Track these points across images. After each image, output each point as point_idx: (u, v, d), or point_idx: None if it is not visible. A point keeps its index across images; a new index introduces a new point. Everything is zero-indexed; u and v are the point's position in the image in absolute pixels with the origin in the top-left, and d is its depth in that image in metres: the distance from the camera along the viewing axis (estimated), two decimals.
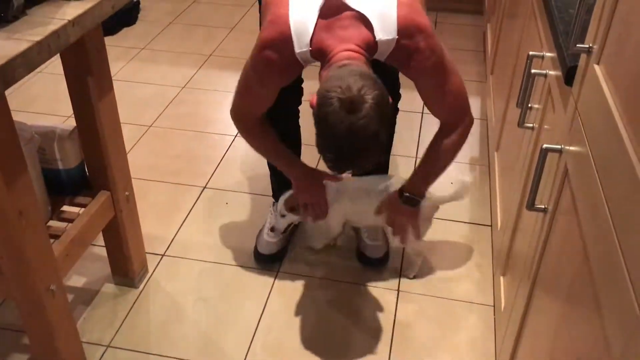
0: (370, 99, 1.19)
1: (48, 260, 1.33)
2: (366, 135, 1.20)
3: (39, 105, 2.63)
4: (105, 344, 1.61)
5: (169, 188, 2.18)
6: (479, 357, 1.59)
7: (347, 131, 1.19)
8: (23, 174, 1.19)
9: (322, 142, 1.25)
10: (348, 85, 1.19)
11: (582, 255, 0.88)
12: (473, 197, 2.16)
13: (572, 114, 1.02)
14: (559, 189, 1.06)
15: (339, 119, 1.19)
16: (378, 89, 1.22)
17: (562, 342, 0.97)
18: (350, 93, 1.18)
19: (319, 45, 1.32)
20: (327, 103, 1.20)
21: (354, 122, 1.18)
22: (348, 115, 1.18)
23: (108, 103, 1.48)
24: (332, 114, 1.19)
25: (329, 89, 1.21)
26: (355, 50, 1.30)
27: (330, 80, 1.23)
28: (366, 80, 1.21)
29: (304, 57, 1.34)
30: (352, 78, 1.20)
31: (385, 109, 1.23)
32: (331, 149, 1.24)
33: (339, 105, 1.19)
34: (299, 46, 1.32)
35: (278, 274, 1.83)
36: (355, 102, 1.18)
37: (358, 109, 1.18)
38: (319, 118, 1.23)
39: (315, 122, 1.24)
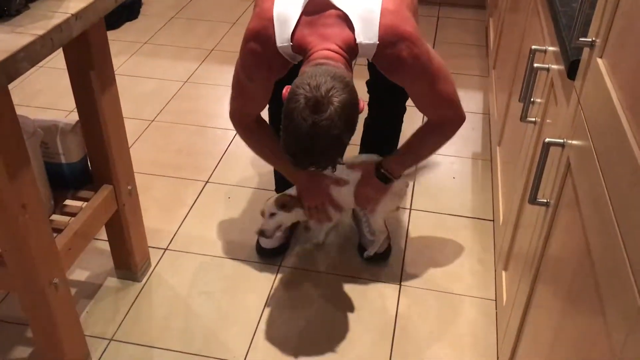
0: (337, 102, 1.20)
1: (51, 254, 1.33)
2: (327, 136, 1.21)
3: (42, 100, 2.64)
4: (108, 337, 1.61)
5: (172, 182, 2.18)
6: (480, 352, 1.59)
7: (309, 130, 1.20)
8: (26, 167, 1.20)
9: (285, 137, 1.26)
10: (317, 84, 1.20)
11: (583, 249, 0.88)
12: (475, 192, 2.16)
13: (575, 108, 1.02)
14: (561, 182, 1.06)
15: (302, 117, 1.20)
16: (347, 93, 1.22)
17: (563, 335, 0.97)
18: (317, 92, 1.19)
19: (300, 41, 1.32)
20: (293, 99, 1.21)
21: (316, 121, 1.19)
22: (311, 115, 1.19)
23: (110, 97, 1.48)
24: (297, 110, 1.20)
25: (299, 86, 1.22)
26: (335, 50, 1.31)
27: (302, 76, 1.24)
28: (337, 82, 1.21)
29: (285, 52, 1.35)
30: (323, 78, 1.21)
31: (352, 113, 1.24)
32: (292, 144, 1.25)
33: (304, 103, 1.20)
34: (281, 40, 1.33)
35: (280, 268, 1.84)
36: (321, 102, 1.19)
37: (322, 110, 1.19)
38: (284, 113, 1.24)
39: (282, 116, 1.25)
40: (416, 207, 2.08)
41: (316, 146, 1.23)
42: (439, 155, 2.35)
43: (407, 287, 1.78)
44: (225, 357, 1.57)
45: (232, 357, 1.57)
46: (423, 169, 1.85)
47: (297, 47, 1.33)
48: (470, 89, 2.78)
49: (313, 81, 1.20)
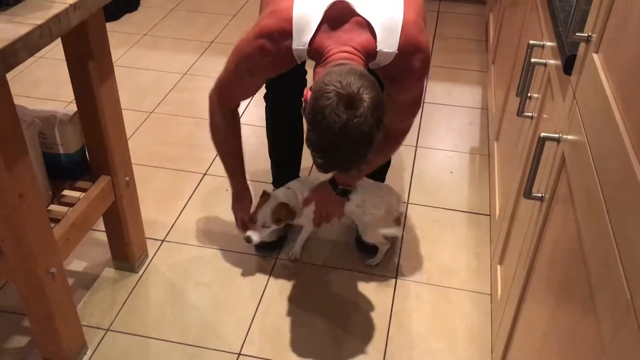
0: (369, 99, 1.19)
1: (48, 244, 1.34)
2: (360, 134, 1.19)
3: (41, 91, 2.64)
4: (104, 327, 1.62)
5: (170, 174, 2.19)
6: (475, 345, 1.60)
7: (343, 126, 1.17)
8: (24, 157, 1.20)
9: (315, 137, 1.22)
10: (348, 82, 1.18)
11: (576, 242, 0.89)
12: (472, 186, 2.17)
13: (571, 103, 1.03)
14: (556, 177, 1.07)
15: (336, 113, 1.17)
16: (376, 91, 1.21)
17: (555, 328, 0.98)
18: (350, 89, 1.18)
19: (318, 45, 1.31)
20: (324, 97, 1.18)
21: (350, 118, 1.17)
22: (346, 111, 1.17)
23: (109, 88, 1.48)
24: (330, 107, 1.18)
25: (328, 83, 1.19)
26: (353, 52, 1.30)
27: (329, 75, 1.22)
28: (365, 81, 1.20)
29: (299, 54, 1.34)
30: (352, 76, 1.19)
31: (381, 112, 1.23)
32: (323, 144, 1.22)
33: (337, 100, 1.17)
34: (298, 43, 1.31)
35: (277, 261, 1.85)
36: (355, 99, 1.18)
37: (356, 106, 1.18)
38: (314, 111, 1.21)
39: (309, 115, 1.22)
40: (413, 201, 2.09)
41: (348, 143, 1.21)
42: (437, 149, 2.35)
43: (402, 281, 1.79)
44: (221, 348, 1.58)
45: (228, 349, 1.58)
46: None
47: (313, 51, 1.32)
48: (469, 83, 2.79)
49: (343, 79, 1.18)
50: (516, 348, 1.29)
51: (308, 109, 1.23)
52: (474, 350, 1.59)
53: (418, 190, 2.14)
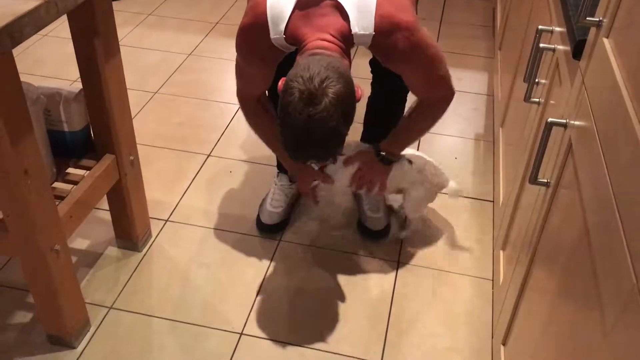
0: (332, 93, 1.18)
1: (52, 221, 1.34)
2: (323, 129, 1.20)
3: (47, 69, 2.63)
4: (108, 305, 1.63)
5: (174, 155, 2.19)
6: (476, 330, 1.61)
7: (304, 123, 1.19)
8: (28, 133, 1.20)
9: (282, 131, 1.25)
10: (311, 75, 1.18)
11: (581, 228, 0.89)
12: (477, 172, 2.16)
13: (579, 88, 1.02)
14: (562, 163, 1.06)
15: (297, 110, 1.18)
16: (342, 84, 1.20)
17: (558, 315, 0.98)
18: (311, 84, 1.17)
19: (293, 33, 1.31)
20: (288, 92, 1.20)
21: (311, 114, 1.18)
22: (306, 108, 1.18)
23: (114, 65, 1.48)
24: (292, 104, 1.19)
25: (293, 78, 1.20)
26: (330, 40, 1.29)
27: (296, 68, 1.22)
28: (331, 72, 1.19)
29: (279, 43, 1.34)
30: (316, 68, 1.19)
31: (348, 104, 1.23)
32: (289, 138, 1.24)
33: (298, 97, 1.18)
34: (274, 32, 1.32)
35: (280, 243, 1.85)
36: (314, 95, 1.18)
37: (317, 102, 1.18)
38: (280, 107, 1.23)
39: (278, 110, 1.24)
40: None
41: (313, 139, 1.22)
42: (442, 135, 2.35)
43: (404, 265, 1.79)
44: (223, 327, 1.59)
45: (230, 328, 1.59)
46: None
47: (290, 39, 1.32)
48: (475, 69, 2.77)
49: (306, 73, 1.19)
50: (517, 334, 1.29)
51: (279, 103, 1.24)
52: (474, 336, 1.60)
53: None
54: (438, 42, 2.97)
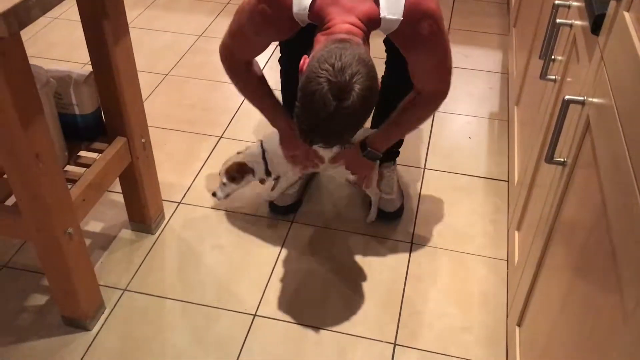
0: (360, 90, 1.16)
1: (65, 204, 1.34)
2: (346, 122, 1.20)
3: (57, 52, 2.63)
4: (122, 287, 1.64)
5: (186, 137, 2.18)
6: (490, 311, 1.60)
7: (329, 115, 1.17)
8: (39, 116, 1.20)
9: (301, 114, 1.22)
10: (342, 67, 1.15)
11: (599, 208, 0.87)
12: (491, 152, 2.13)
13: (597, 64, 1.00)
14: (579, 141, 1.04)
15: (324, 101, 1.16)
16: (370, 80, 1.19)
17: (574, 295, 0.96)
18: (341, 77, 1.15)
19: (319, 10, 1.28)
20: (316, 80, 1.16)
21: (338, 108, 1.16)
22: (334, 101, 1.16)
23: (124, 47, 1.46)
24: (319, 93, 1.16)
25: (322, 66, 1.17)
26: (357, 24, 1.26)
27: (325, 54, 1.18)
28: (362, 67, 1.17)
29: (301, 18, 1.31)
30: (348, 60, 1.16)
31: (372, 101, 1.21)
32: (308, 123, 1.22)
33: (327, 88, 1.15)
34: (298, 7, 1.29)
35: (292, 225, 1.85)
36: (345, 89, 1.15)
37: (345, 97, 1.16)
38: (304, 92, 1.19)
39: (299, 92, 1.21)
40: (430, 166, 2.07)
41: (331, 129, 1.21)
42: (455, 114, 2.32)
43: (418, 246, 1.78)
44: (236, 309, 1.59)
45: (243, 310, 1.59)
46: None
47: (314, 15, 1.29)
48: (489, 47, 2.73)
49: (338, 63, 1.16)
50: (532, 315, 1.28)
51: (300, 85, 1.21)
52: (488, 316, 1.59)
53: (435, 155, 2.12)
54: (451, 19, 2.93)
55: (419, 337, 1.54)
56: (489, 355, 1.50)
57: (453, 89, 1.53)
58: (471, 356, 1.50)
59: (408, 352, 1.50)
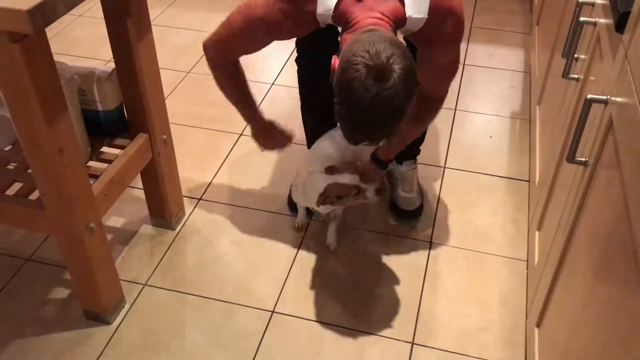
0: (399, 69, 1.12)
1: (87, 199, 1.36)
2: (390, 107, 1.14)
3: (81, 49, 2.66)
4: (142, 282, 1.66)
5: (206, 134, 2.20)
6: (509, 311, 1.59)
7: (372, 100, 1.12)
8: (63, 112, 1.22)
9: (342, 110, 1.18)
10: (377, 51, 1.12)
11: (622, 208, 0.86)
12: (512, 151, 2.12)
13: (622, 63, 0.98)
14: (601, 141, 1.03)
15: (365, 87, 1.12)
16: (407, 60, 1.15)
17: (595, 297, 0.95)
18: (378, 60, 1.11)
19: (342, 11, 1.25)
20: (352, 69, 1.12)
21: (380, 92, 1.11)
22: (375, 84, 1.11)
23: (146, 45, 1.48)
24: (357, 80, 1.12)
25: (356, 54, 1.13)
26: (382, 18, 1.23)
27: (357, 43, 1.15)
28: (396, 49, 1.14)
29: (323, 19, 1.28)
30: (381, 44, 1.13)
31: (412, 81, 1.17)
32: (351, 118, 1.17)
33: (366, 72, 1.11)
34: (322, 8, 1.25)
35: (311, 222, 1.85)
36: (384, 70, 1.12)
37: (386, 79, 1.11)
38: (342, 84, 1.15)
39: (336, 87, 1.17)
40: (450, 165, 2.06)
41: (378, 117, 1.15)
42: (476, 113, 2.30)
43: (437, 245, 1.77)
44: (254, 305, 1.60)
45: (261, 306, 1.60)
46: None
47: (337, 16, 1.26)
48: (512, 46, 2.70)
49: (372, 48, 1.12)
50: (552, 315, 1.27)
51: (336, 80, 1.17)
52: (507, 316, 1.58)
53: (456, 154, 2.10)
54: (474, 17, 2.91)
55: (437, 337, 1.53)
56: (508, 356, 1.49)
57: (475, 87, 1.52)
58: (489, 357, 1.49)
59: (426, 351, 1.50)
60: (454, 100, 2.34)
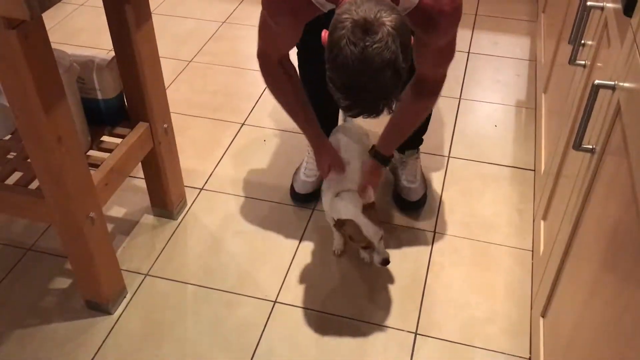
0: (388, 22, 1.07)
1: (87, 188, 1.35)
2: (381, 62, 1.07)
3: (83, 38, 2.64)
4: (143, 272, 1.65)
5: (208, 123, 2.18)
6: (514, 301, 1.57)
7: (360, 56, 1.07)
8: (61, 99, 1.20)
9: (334, 74, 1.13)
10: (365, 8, 1.08)
11: (629, 196, 0.84)
12: (517, 140, 2.09)
13: (630, 47, 0.96)
14: (609, 128, 1.01)
15: (352, 42, 1.06)
16: (397, 14, 1.10)
17: (601, 287, 0.94)
18: (365, 14, 1.07)
19: None
20: (339, 27, 1.08)
21: (367, 45, 1.06)
22: (362, 38, 1.06)
23: (146, 33, 1.46)
24: (345, 37, 1.07)
25: (342, 13, 1.10)
26: None
27: (343, 7, 1.12)
28: (384, 6, 1.09)
29: (320, 2, 1.26)
30: (367, 4, 1.09)
31: (405, 34, 1.11)
32: (343, 80, 1.12)
33: (352, 27, 1.07)
34: None
35: (313, 212, 1.83)
36: (372, 23, 1.07)
37: (374, 31, 1.06)
38: (330, 46, 1.11)
39: (326, 53, 1.13)
40: (454, 154, 2.04)
41: (370, 75, 1.09)
42: (481, 102, 2.28)
43: (441, 235, 1.76)
44: (257, 295, 1.59)
45: (264, 296, 1.59)
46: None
47: None
48: (517, 34, 2.67)
49: (359, 8, 1.08)
50: (557, 305, 1.25)
51: (326, 47, 1.13)
52: (512, 306, 1.56)
53: (460, 143, 2.08)
54: (479, 5, 2.88)
55: (441, 327, 1.52)
56: (512, 346, 1.47)
57: (480, 76, 1.50)
58: (494, 347, 1.47)
59: (430, 342, 1.49)
60: (458, 89, 2.31)
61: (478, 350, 1.47)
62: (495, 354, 1.46)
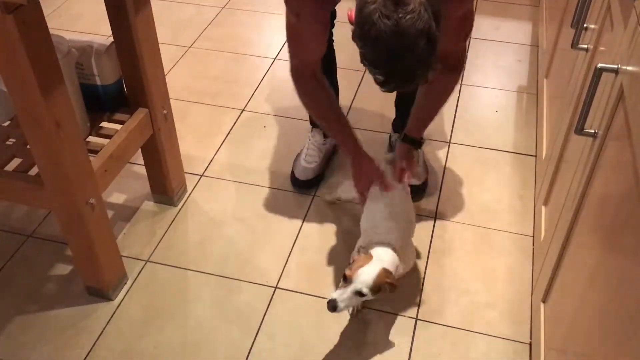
0: None
1: (87, 174, 1.35)
2: (415, 32, 1.07)
3: (83, 24, 2.63)
4: (144, 258, 1.65)
5: (208, 110, 2.17)
6: (515, 287, 1.57)
7: (395, 27, 1.06)
8: (59, 85, 1.19)
9: (368, 50, 1.12)
10: None
11: (631, 181, 0.83)
12: (518, 126, 2.08)
13: (633, 30, 0.95)
14: (611, 112, 1.00)
15: (385, 15, 1.06)
16: None
17: (602, 272, 0.93)
18: None
19: None
20: (369, 2, 1.08)
21: (401, 17, 1.05)
22: (394, 10, 1.05)
23: (145, 18, 1.45)
24: (376, 12, 1.06)
25: None
26: None
27: None
28: None
29: None
30: None
31: (435, 4, 1.09)
32: (379, 55, 1.11)
33: (384, 0, 1.06)
34: None
35: (314, 198, 1.83)
36: None
37: (405, 2, 1.06)
38: (361, 22, 1.09)
39: (357, 29, 1.11)
40: (455, 140, 2.03)
41: (406, 46, 1.08)
42: (482, 87, 2.26)
43: (442, 221, 1.75)
44: (258, 281, 1.59)
45: (265, 282, 1.59)
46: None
47: None
48: (519, 19, 2.65)
49: None
50: (558, 291, 1.25)
51: (355, 22, 1.11)
52: (513, 292, 1.56)
53: (461, 129, 2.07)
54: None
55: (442, 313, 1.52)
56: (513, 332, 1.47)
57: (481, 61, 1.49)
58: (495, 332, 1.47)
59: (430, 327, 1.49)
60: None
61: (479, 336, 1.47)
62: (496, 340, 1.46)
